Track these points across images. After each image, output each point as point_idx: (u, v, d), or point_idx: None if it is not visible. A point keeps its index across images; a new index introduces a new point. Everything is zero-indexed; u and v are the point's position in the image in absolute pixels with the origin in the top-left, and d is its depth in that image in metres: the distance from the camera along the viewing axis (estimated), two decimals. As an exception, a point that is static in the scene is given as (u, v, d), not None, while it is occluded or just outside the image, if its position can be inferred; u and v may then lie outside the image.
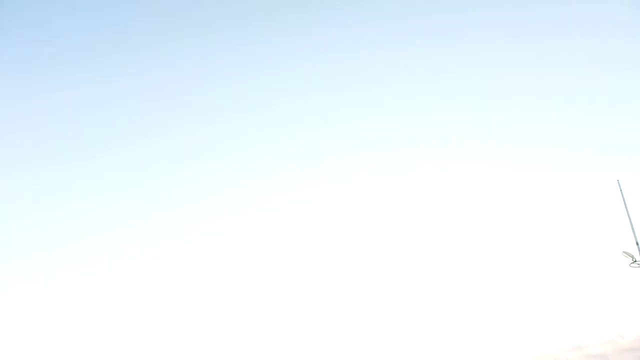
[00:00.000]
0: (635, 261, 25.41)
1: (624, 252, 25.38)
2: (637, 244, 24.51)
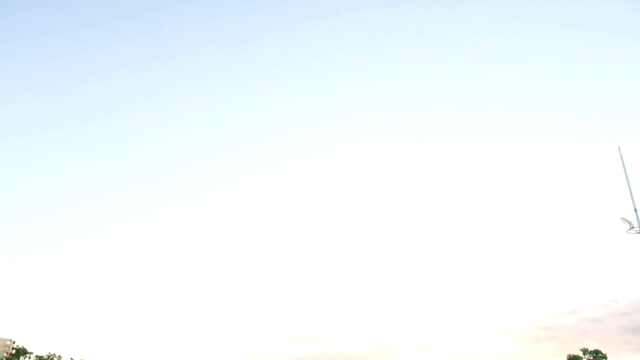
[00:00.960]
0: (633, 227, 24.52)
1: (622, 218, 24.15)
2: (635, 210, 23.40)
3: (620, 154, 23.09)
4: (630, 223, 23.75)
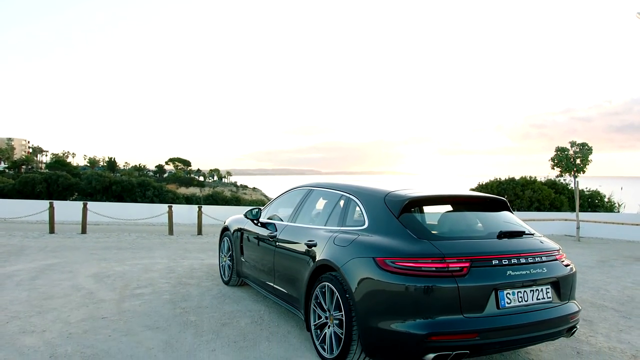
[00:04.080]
0: (647, 22, 24.23)
1: (638, 13, 24.24)
2: (655, 5, 22.83)
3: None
4: (646, 20, 23.64)
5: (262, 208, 5.75)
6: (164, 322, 4.68)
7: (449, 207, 4.15)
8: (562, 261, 3.76)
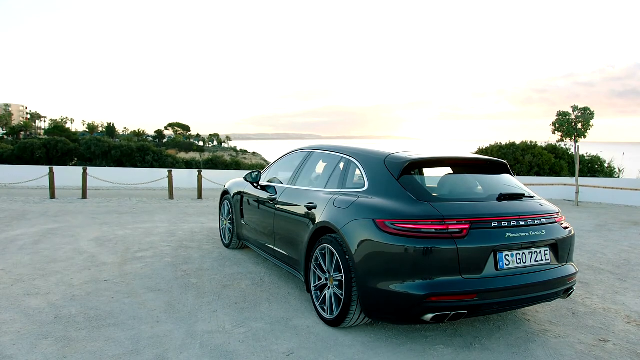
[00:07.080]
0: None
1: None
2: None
3: None
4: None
5: (261, 171, 5.74)
6: (165, 285, 4.74)
7: (449, 170, 4.14)
8: (561, 224, 3.77)
